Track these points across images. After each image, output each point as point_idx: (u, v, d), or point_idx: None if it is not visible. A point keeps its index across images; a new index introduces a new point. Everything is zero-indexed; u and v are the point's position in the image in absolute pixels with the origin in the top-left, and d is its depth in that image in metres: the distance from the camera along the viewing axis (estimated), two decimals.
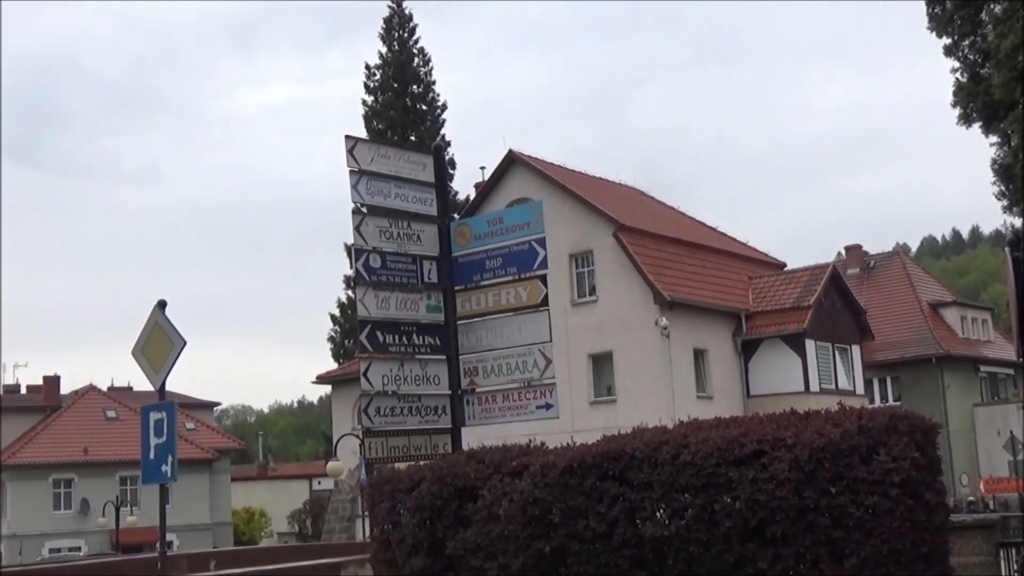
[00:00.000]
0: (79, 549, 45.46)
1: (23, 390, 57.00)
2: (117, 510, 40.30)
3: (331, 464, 26.17)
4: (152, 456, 9.31)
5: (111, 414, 50.74)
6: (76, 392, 54.12)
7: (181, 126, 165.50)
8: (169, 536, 31.80)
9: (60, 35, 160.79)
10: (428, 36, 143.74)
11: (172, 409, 9.39)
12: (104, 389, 55.27)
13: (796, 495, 5.77)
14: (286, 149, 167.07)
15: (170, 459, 9.17)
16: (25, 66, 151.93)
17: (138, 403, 29.77)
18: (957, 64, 21.05)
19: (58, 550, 45.31)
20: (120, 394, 54.12)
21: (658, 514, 6.25)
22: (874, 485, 5.69)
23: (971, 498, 35.12)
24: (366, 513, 13.51)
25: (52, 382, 54.22)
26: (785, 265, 37.37)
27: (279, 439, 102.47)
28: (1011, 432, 32.81)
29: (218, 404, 66.59)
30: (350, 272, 40.57)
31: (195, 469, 48.49)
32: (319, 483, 58.92)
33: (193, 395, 56.13)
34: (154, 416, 9.37)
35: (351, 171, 9.46)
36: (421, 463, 8.32)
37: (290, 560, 19.19)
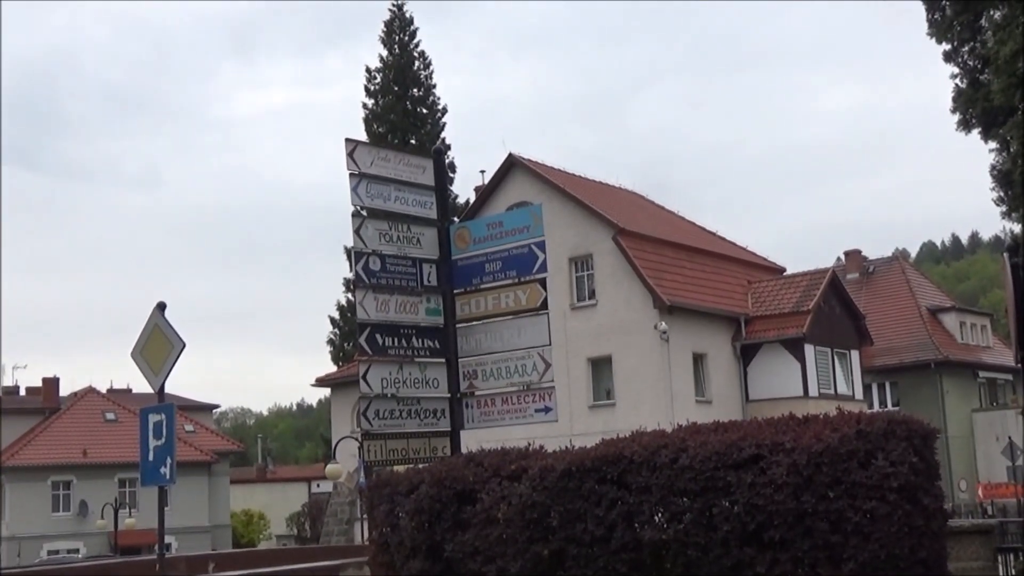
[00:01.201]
0: (77, 551, 45.45)
1: (22, 392, 56.99)
2: (116, 512, 40.26)
3: (330, 467, 26.18)
4: (151, 458, 9.32)
5: (110, 416, 50.73)
6: (75, 394, 54.12)
7: (181, 129, 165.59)
8: (168, 538, 31.81)
9: (59, 38, 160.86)
10: (428, 39, 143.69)
11: (171, 411, 9.40)
12: (103, 391, 55.28)
13: (794, 499, 5.77)
14: (286, 152, 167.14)
15: (169, 461, 9.18)
16: (24, 69, 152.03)
17: (137, 405, 29.78)
18: (957, 70, 21.10)
19: (56, 552, 45.29)
20: (119, 396, 54.11)
21: (656, 518, 6.26)
22: (872, 490, 5.69)
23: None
24: (365, 516, 13.54)
25: (51, 384, 54.24)
26: (784, 270, 37.39)
27: (278, 442, 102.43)
28: (1009, 438, 32.81)
29: (217, 407, 66.62)
30: (350, 275, 40.65)
31: (194, 471, 48.48)
32: (318, 486, 58.93)
33: (192, 397, 56.15)
34: (153, 418, 9.38)
35: (351, 174, 9.48)
36: (420, 466, 8.33)
37: (289, 563, 19.17)
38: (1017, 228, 22.35)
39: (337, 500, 39.55)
